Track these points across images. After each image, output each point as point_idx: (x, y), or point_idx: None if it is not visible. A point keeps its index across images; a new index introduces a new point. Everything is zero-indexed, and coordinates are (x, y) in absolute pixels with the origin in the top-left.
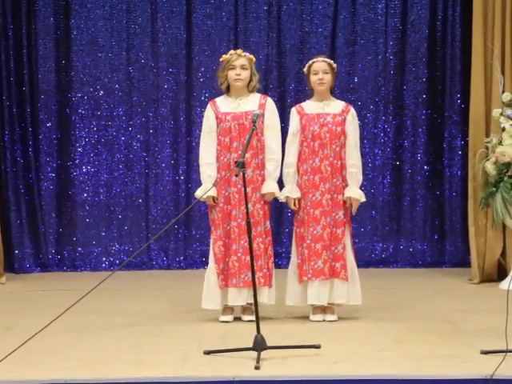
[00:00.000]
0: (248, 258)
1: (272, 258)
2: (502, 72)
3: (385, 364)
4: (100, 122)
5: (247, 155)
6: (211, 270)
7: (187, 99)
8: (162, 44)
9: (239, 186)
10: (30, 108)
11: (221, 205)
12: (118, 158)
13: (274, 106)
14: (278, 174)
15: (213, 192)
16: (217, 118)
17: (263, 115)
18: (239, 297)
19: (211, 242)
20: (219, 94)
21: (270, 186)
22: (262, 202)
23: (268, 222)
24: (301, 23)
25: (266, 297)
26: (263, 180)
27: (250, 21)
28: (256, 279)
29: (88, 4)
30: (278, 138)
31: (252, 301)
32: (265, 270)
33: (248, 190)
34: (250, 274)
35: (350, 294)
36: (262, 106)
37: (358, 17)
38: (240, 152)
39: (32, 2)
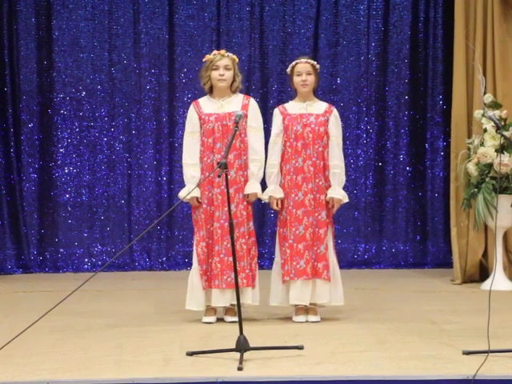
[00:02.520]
0: (230, 259)
1: (255, 259)
2: (484, 73)
3: (367, 365)
4: (82, 123)
5: (230, 156)
6: (195, 271)
7: (170, 100)
8: (145, 45)
9: (222, 187)
10: (12, 109)
11: (204, 206)
12: (100, 159)
13: (257, 106)
14: (261, 175)
15: (196, 193)
16: (200, 118)
17: (246, 116)
18: (222, 298)
19: (194, 243)
20: (202, 94)
21: (253, 187)
22: (245, 203)
23: (251, 223)
24: (283, 24)
25: (249, 298)
26: (246, 181)
27: (233, 22)
28: (239, 280)
29: (70, 5)
30: (261, 139)
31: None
32: (247, 271)
33: (231, 190)
34: (232, 275)
35: (332, 295)
36: (244, 106)
37: (340, 18)
38: (223, 153)
39: (13, 3)
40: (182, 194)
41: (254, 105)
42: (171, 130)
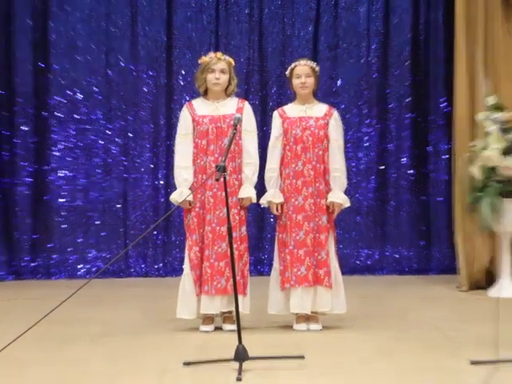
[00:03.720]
0: (221, 264)
1: (247, 266)
2: (486, 75)
3: (370, 375)
4: (78, 126)
5: None
6: (187, 278)
7: (167, 103)
8: (142, 47)
9: (215, 189)
10: (7, 111)
11: (196, 209)
12: (95, 163)
13: (251, 110)
14: (255, 179)
15: (188, 196)
16: (193, 120)
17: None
18: (211, 305)
19: (186, 247)
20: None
21: (247, 191)
22: (239, 207)
23: (244, 228)
24: (282, 27)
25: (239, 306)
26: (240, 185)
27: (231, 24)
28: (229, 287)
29: (67, 7)
30: (255, 143)
31: (227, 309)
32: (238, 278)
33: (224, 194)
34: (222, 281)
35: (334, 303)
36: (239, 109)
37: (340, 20)
38: (217, 155)
39: (10, 4)
40: (174, 196)
41: (248, 108)
42: (168, 133)
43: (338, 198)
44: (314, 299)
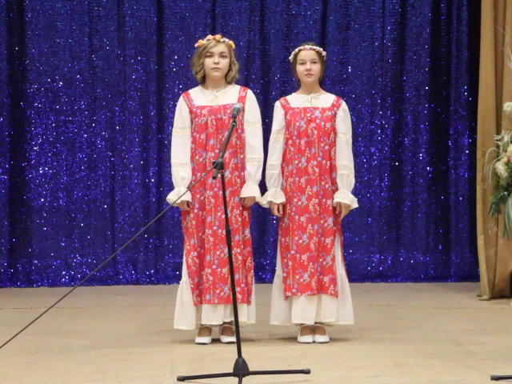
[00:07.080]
0: (224, 270)
1: (251, 272)
2: None
3: None
4: (59, 118)
5: (225, 154)
6: (185, 285)
7: (158, 91)
8: (130, 29)
9: (216, 189)
10: None
11: (195, 211)
12: (79, 158)
13: (255, 99)
14: (259, 176)
15: (187, 196)
16: (191, 112)
17: (243, 110)
18: (214, 315)
19: (184, 252)
20: (194, 85)
21: (250, 190)
22: (241, 208)
23: (247, 231)
24: (287, 5)
25: (244, 315)
26: (243, 182)
27: (230, 3)
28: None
29: None
30: (259, 135)
31: (230, 319)
32: (243, 285)
33: (226, 193)
34: (225, 289)
35: (340, 313)
36: (241, 98)
37: None
38: (217, 151)
39: None
40: (170, 197)
41: (251, 97)
42: (160, 126)
43: (346, 198)
44: (318, 309)
